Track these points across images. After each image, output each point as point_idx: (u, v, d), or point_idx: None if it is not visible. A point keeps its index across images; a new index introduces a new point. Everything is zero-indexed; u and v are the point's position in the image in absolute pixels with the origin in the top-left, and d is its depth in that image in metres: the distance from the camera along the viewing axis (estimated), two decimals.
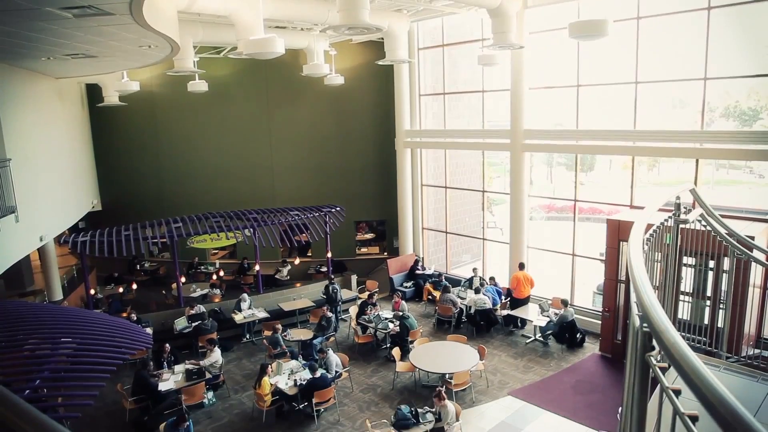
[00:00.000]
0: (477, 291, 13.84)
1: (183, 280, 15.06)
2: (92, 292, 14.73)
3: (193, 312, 13.34)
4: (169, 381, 10.35)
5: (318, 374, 9.90)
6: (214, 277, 17.52)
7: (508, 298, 14.10)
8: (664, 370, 1.81)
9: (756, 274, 9.46)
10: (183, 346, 12.49)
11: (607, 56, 13.84)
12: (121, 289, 16.72)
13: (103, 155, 19.28)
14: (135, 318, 12.46)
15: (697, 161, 11.70)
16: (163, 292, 17.00)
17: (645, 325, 1.88)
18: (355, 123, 18.60)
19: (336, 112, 18.52)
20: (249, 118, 18.60)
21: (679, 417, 1.52)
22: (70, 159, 15.72)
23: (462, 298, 14.14)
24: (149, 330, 12.22)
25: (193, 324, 12.98)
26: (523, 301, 13.88)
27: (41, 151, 12.88)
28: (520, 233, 14.64)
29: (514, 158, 14.43)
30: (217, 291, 15.72)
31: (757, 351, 9.46)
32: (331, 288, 14.39)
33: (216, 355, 11.02)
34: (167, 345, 11.37)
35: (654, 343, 1.84)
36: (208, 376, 10.64)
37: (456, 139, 16.47)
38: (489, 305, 13.52)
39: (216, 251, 19.89)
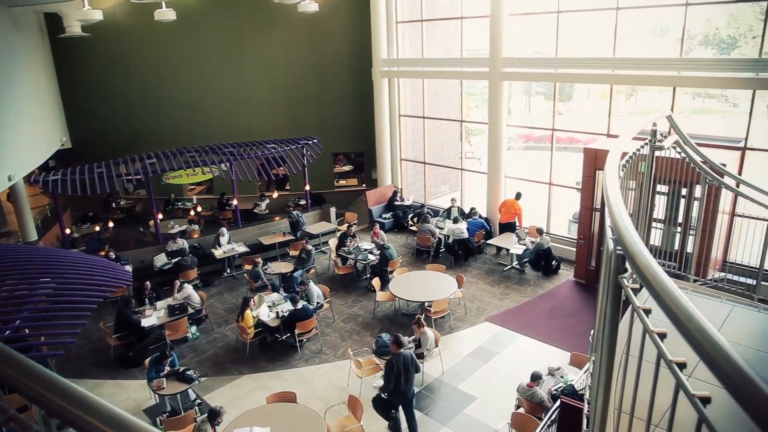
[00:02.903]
0: (455, 221, 14.00)
1: (160, 216, 14.92)
2: (68, 231, 14.56)
3: (175, 246, 13.30)
4: (152, 317, 10.44)
5: (299, 306, 10.06)
6: (192, 213, 17.40)
7: (484, 229, 14.33)
8: (635, 291, 1.85)
9: (725, 200, 9.68)
10: (164, 282, 12.52)
11: None
12: (97, 228, 16.54)
13: (69, 90, 18.50)
14: (113, 256, 12.39)
15: (674, 90, 11.68)
16: (141, 229, 16.88)
17: (619, 248, 1.90)
18: (331, 52, 18.07)
19: (311, 42, 17.94)
20: (221, 49, 17.93)
21: (649, 335, 1.57)
22: (33, 94, 15.09)
23: (440, 228, 14.30)
24: (128, 268, 12.22)
25: (173, 260, 12.98)
26: (507, 226, 14.13)
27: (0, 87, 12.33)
28: (498, 163, 14.68)
29: (493, 87, 14.25)
30: (196, 227, 15.65)
31: (722, 274, 9.83)
32: (295, 215, 14.76)
33: (188, 290, 11.07)
34: (148, 282, 11.40)
35: (627, 265, 1.87)
36: (190, 311, 10.75)
37: (434, 68, 16.15)
38: (466, 234, 13.71)
39: (193, 187, 19.67)
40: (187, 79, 18.23)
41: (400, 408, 7.97)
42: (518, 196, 14.19)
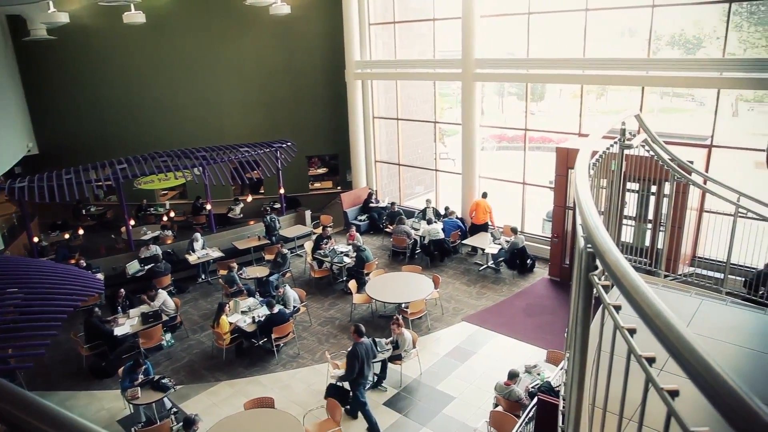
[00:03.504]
0: (431, 222, 14.05)
1: (132, 223, 14.67)
2: (36, 240, 14.23)
3: (148, 253, 13.10)
4: (125, 325, 10.26)
5: (276, 310, 9.99)
6: (165, 218, 17.16)
7: (460, 229, 14.43)
8: (606, 288, 1.88)
9: (693, 197, 9.90)
10: (137, 289, 12.31)
11: None
12: (67, 236, 16.20)
13: (35, 95, 18.07)
14: (84, 264, 12.14)
15: (642, 89, 11.93)
16: (113, 236, 16.58)
17: (589, 245, 1.93)
18: (303, 55, 18.00)
19: (284, 44, 17.84)
20: (192, 52, 17.71)
21: (619, 330, 1.59)
22: None
23: (416, 229, 14.34)
24: (100, 275, 11.98)
25: (146, 267, 12.78)
26: (480, 228, 14.24)
27: None
28: (471, 163, 14.79)
29: (466, 88, 14.36)
30: (169, 232, 15.43)
31: (692, 269, 10.04)
32: (269, 218, 14.62)
33: (162, 296, 10.92)
34: (122, 290, 11.20)
35: (597, 262, 1.90)
36: (164, 318, 10.59)
37: (407, 69, 16.20)
38: (442, 235, 13.77)
39: (165, 192, 19.39)
40: (157, 83, 17.97)
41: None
42: (485, 195, 14.37)
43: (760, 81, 10.54)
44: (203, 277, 13.68)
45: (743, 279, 8.24)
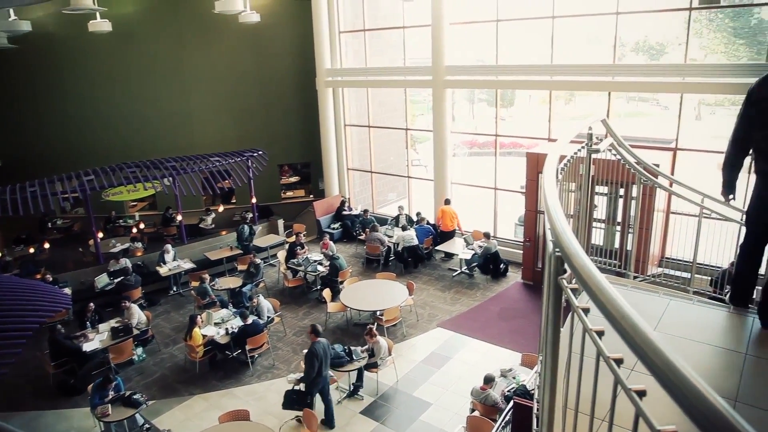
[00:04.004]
0: (404, 228, 14.08)
1: (100, 235, 14.35)
2: None
3: (118, 266, 12.83)
4: (95, 340, 10.02)
5: (250, 321, 9.88)
6: (134, 230, 16.83)
7: (432, 235, 14.50)
8: (575, 291, 1.90)
9: (660, 199, 10.12)
10: (107, 303, 12.05)
11: None
12: (32, 250, 15.77)
13: None
14: (51, 279, 11.85)
15: (609, 94, 12.18)
16: (80, 249, 16.19)
17: (557, 249, 1.95)
18: (274, 63, 17.93)
19: (254, 52, 17.76)
20: (161, 61, 17.50)
21: (588, 333, 1.61)
22: None
23: (389, 236, 14.35)
24: (67, 290, 11.70)
25: (116, 280, 12.52)
26: (449, 234, 14.30)
27: None
28: (443, 169, 14.89)
29: (436, 95, 14.47)
30: (139, 244, 15.14)
31: (660, 269, 10.26)
32: (245, 227, 14.53)
33: (135, 310, 10.71)
34: (92, 304, 10.95)
35: (566, 266, 1.92)
36: (135, 332, 10.38)
37: (378, 77, 16.26)
38: (416, 242, 13.81)
39: (134, 203, 19.06)
40: (125, 92, 17.69)
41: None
42: (447, 202, 14.51)
43: (720, 85, 10.87)
44: (175, 289, 13.47)
45: (709, 278, 8.45)
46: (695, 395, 1.04)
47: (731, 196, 3.98)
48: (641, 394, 1.33)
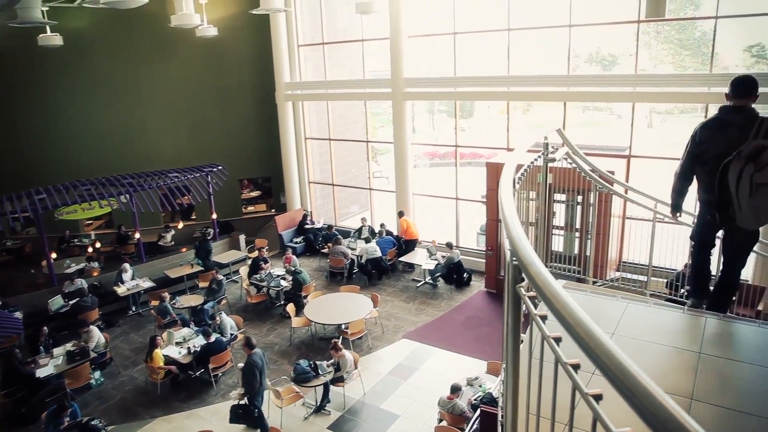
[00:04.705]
0: (367, 240, 14.08)
1: (54, 255, 13.89)
2: None
3: (73, 287, 12.41)
4: (49, 366, 9.64)
5: (212, 339, 9.69)
6: (90, 249, 16.34)
7: (397, 246, 14.56)
8: (534, 299, 1.93)
9: (616, 205, 10.39)
10: (62, 327, 11.63)
11: (482, 3, 14.20)
12: None
13: None
14: (0, 303, 11.37)
15: (565, 104, 12.50)
16: (32, 271, 15.60)
17: (515, 258, 1.98)
18: (232, 77, 17.76)
19: (212, 66, 17.56)
20: (115, 76, 17.09)
21: (546, 340, 1.63)
22: None
23: (353, 249, 14.32)
24: (18, 314, 11.23)
25: (71, 302, 12.11)
26: (414, 243, 14.45)
27: None
28: (405, 181, 14.98)
29: (396, 107, 14.58)
30: (95, 264, 14.71)
31: (619, 273, 10.50)
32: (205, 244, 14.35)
33: (94, 332, 10.39)
34: (45, 328, 10.54)
35: (523, 274, 1.95)
36: (93, 355, 10.04)
37: (337, 90, 16.30)
38: (379, 253, 13.81)
39: (90, 222, 18.51)
40: (78, 108, 17.21)
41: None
42: (401, 214, 14.68)
43: (668, 95, 11.29)
44: (134, 309, 13.11)
45: (665, 280, 8.70)
46: (646, 396, 1.07)
47: (678, 215, 4.69)
48: (598, 398, 1.35)
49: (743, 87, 3.91)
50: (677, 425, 0.99)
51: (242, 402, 8.38)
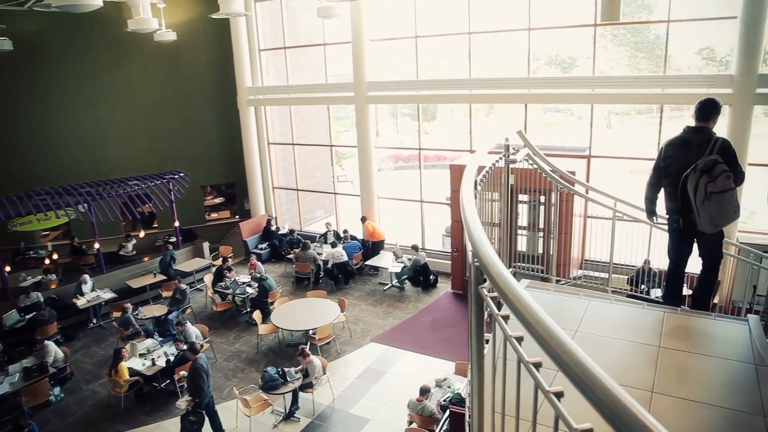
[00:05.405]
0: (333, 245, 14.03)
1: (8, 269, 13.42)
2: None
3: (29, 301, 12.00)
4: (4, 384, 9.28)
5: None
6: (47, 261, 15.83)
7: (363, 250, 14.56)
8: (496, 300, 1.94)
9: (578, 204, 10.61)
10: (17, 342, 11.23)
11: (443, 7, 14.31)
12: None
13: None
14: None
15: (526, 106, 12.70)
16: None
17: (476, 260, 2.00)
18: (193, 82, 17.48)
19: (171, 72, 17.24)
20: (70, 82, 16.59)
21: (508, 340, 1.65)
22: None
23: (319, 254, 14.25)
24: None
25: (28, 316, 11.70)
26: (381, 244, 14.57)
27: None
28: (369, 185, 14.99)
29: (359, 111, 14.59)
30: (53, 276, 14.26)
31: (581, 272, 10.72)
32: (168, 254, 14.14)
33: (51, 347, 10.06)
34: None
35: (485, 275, 1.96)
36: (51, 370, 9.72)
37: (300, 94, 16.21)
38: (345, 257, 13.78)
39: (47, 233, 17.94)
40: (31, 115, 16.63)
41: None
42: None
43: (625, 96, 11.59)
44: (95, 321, 12.75)
45: (626, 277, 8.93)
46: (604, 393, 1.08)
47: (654, 219, 5.10)
48: (559, 395, 1.37)
49: (703, 112, 4.42)
50: (634, 420, 1.01)
51: (190, 409, 8.21)
